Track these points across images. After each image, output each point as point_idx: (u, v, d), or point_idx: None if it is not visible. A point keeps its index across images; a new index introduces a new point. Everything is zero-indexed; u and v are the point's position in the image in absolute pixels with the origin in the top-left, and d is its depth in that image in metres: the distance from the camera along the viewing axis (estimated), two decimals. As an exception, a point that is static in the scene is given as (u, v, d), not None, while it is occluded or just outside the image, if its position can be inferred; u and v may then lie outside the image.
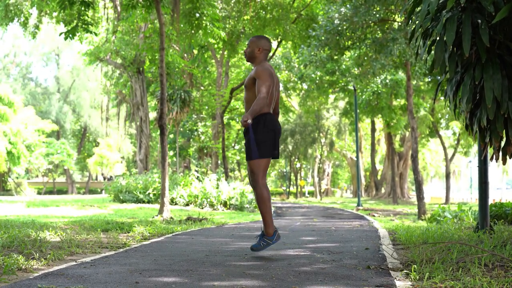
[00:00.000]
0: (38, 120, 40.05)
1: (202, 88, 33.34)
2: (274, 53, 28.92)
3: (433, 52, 4.95)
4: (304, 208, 21.13)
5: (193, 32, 17.70)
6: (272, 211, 17.58)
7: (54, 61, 53.69)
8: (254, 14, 22.94)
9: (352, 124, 34.33)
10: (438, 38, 4.86)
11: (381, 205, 25.90)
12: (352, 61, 22.64)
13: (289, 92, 35.14)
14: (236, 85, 28.36)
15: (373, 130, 37.88)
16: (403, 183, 38.20)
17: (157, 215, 10.54)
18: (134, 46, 22.89)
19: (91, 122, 50.48)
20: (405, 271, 3.75)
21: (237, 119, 36.63)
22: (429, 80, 22.63)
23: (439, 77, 6.77)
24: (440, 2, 4.91)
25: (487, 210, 6.54)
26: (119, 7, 23.07)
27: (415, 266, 3.79)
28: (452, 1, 4.48)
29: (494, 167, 59.16)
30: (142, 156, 25.37)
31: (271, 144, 4.65)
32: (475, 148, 34.77)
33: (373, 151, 38.11)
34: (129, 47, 23.29)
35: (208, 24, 15.09)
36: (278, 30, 23.48)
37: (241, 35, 24.55)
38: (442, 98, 25.63)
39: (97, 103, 49.31)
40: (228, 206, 16.90)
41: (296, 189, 49.09)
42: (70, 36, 12.83)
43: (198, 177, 18.89)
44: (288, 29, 22.99)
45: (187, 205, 17.10)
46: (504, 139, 4.92)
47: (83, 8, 12.29)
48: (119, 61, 26.10)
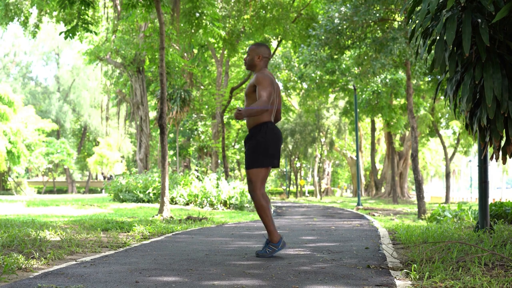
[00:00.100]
0: (38, 120, 40.02)
1: (202, 88, 33.34)
2: (274, 53, 28.92)
3: (433, 52, 4.95)
4: (304, 208, 21.14)
5: (193, 32, 17.70)
6: (272, 211, 17.60)
7: (54, 61, 53.68)
8: (254, 14, 22.93)
9: (352, 124, 34.33)
10: (438, 38, 4.85)
11: (381, 205, 25.90)
12: (352, 61, 22.63)
13: (289, 92, 35.15)
14: (236, 85, 28.36)
15: (373, 130, 37.88)
16: (403, 183, 38.21)
17: (157, 215, 10.54)
18: (134, 46, 22.90)
19: (91, 122, 50.46)
20: (405, 271, 3.75)
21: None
22: (429, 80, 22.62)
23: (439, 77, 6.77)
24: (440, 2, 4.91)
25: (487, 210, 6.54)
26: (119, 6, 23.07)
27: (415, 266, 3.79)
28: (452, 1, 4.47)
29: (494, 167, 59.21)
30: (142, 156, 25.37)
31: (271, 154, 4.62)
32: (475, 148, 34.78)
33: (373, 151, 38.11)
34: (129, 47, 23.29)
35: (208, 24, 15.09)
36: (278, 30, 23.48)
37: (241, 35, 24.55)
38: (442, 98, 25.67)
39: (97, 103, 49.30)
40: (228, 206, 16.90)
41: (296, 189, 49.10)
42: (70, 36, 12.84)
43: (198, 177, 18.89)
44: (288, 29, 22.99)
45: (187, 205, 17.10)
46: (504, 139, 4.92)
47: (83, 8, 12.28)
48: (119, 61, 26.10)
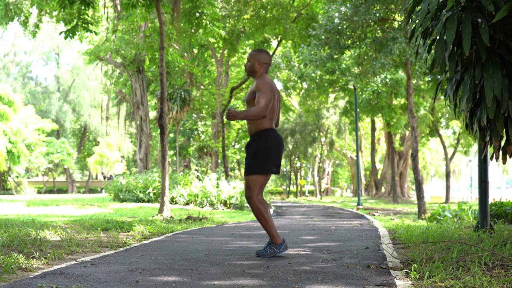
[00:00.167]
0: (38, 119, 40.00)
1: (202, 87, 33.34)
2: (274, 52, 28.92)
3: (433, 51, 4.95)
4: (304, 207, 21.14)
5: (193, 31, 17.70)
6: (272, 211, 17.59)
7: (54, 60, 53.68)
8: (254, 13, 22.93)
9: (352, 123, 34.34)
10: (438, 37, 4.85)
11: (381, 204, 25.90)
12: (352, 60, 22.64)
13: (289, 91, 35.15)
14: (236, 84, 28.35)
15: (373, 129, 37.89)
16: (403, 182, 38.21)
17: (157, 214, 10.54)
18: (134, 45, 22.89)
19: (91, 121, 50.46)
20: (405, 270, 3.75)
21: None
22: (429, 79, 22.62)
23: (439, 76, 6.77)
24: (440, 1, 4.91)
25: (487, 209, 6.54)
26: (119, 6, 23.07)
27: (415, 265, 3.79)
28: (452, 0, 4.47)
29: (494, 166, 59.20)
30: (142, 155, 25.37)
31: (271, 161, 4.60)
32: (475, 147, 34.80)
33: (373, 150, 38.12)
34: (129, 46, 23.29)
35: (208, 23, 15.09)
36: (278, 29, 23.47)
37: (241, 34, 24.55)
38: (442, 97, 25.67)
39: (97, 102, 49.30)
40: (228, 205, 16.90)
41: (296, 188, 49.10)
42: (70, 35, 12.83)
43: (198, 176, 18.89)
44: (288, 28, 22.99)
45: (187, 204, 17.11)
46: (504, 138, 4.92)
47: (83, 7, 12.28)
48: (119, 60, 26.10)
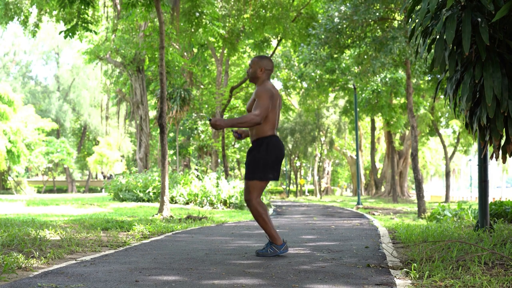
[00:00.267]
0: (38, 119, 40.00)
1: (202, 87, 33.33)
2: (274, 52, 28.92)
3: (433, 51, 4.95)
4: (304, 207, 21.14)
5: (193, 31, 17.70)
6: (272, 210, 17.58)
7: (54, 60, 53.67)
8: (254, 13, 22.92)
9: (352, 123, 34.33)
10: (438, 37, 4.85)
11: (381, 204, 25.90)
12: (352, 60, 22.63)
13: (289, 91, 35.15)
14: (236, 84, 28.36)
15: (373, 129, 37.88)
16: (403, 182, 38.21)
17: (157, 214, 10.54)
18: (134, 45, 22.88)
19: (91, 121, 50.46)
20: (405, 270, 3.75)
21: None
22: (429, 79, 22.61)
23: (439, 76, 6.77)
24: (440, 1, 4.91)
25: (487, 209, 6.54)
26: (119, 6, 23.07)
27: (415, 265, 3.79)
28: (452, 0, 4.47)
29: (494, 166, 59.20)
30: (142, 155, 25.37)
31: (271, 168, 4.62)
32: (475, 147, 34.79)
33: (373, 150, 38.11)
34: (129, 46, 23.28)
35: (208, 23, 15.08)
36: (278, 29, 23.47)
37: (241, 34, 24.55)
38: (442, 97, 25.67)
39: (97, 102, 49.30)
40: (228, 205, 16.90)
41: (296, 188, 49.10)
42: (70, 35, 12.82)
43: (198, 176, 18.89)
44: (288, 28, 22.98)
45: (187, 204, 17.10)
46: (504, 138, 4.92)
47: (83, 7, 12.27)
48: (119, 60, 26.09)
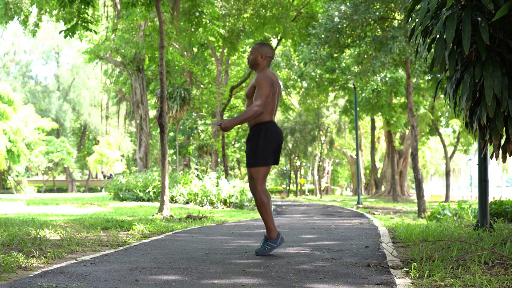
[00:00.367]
0: (38, 118, 40.01)
1: (202, 86, 33.34)
2: (274, 51, 28.92)
3: (433, 50, 4.95)
4: (304, 206, 21.15)
5: (193, 30, 17.70)
6: (272, 209, 17.60)
7: (54, 59, 53.68)
8: (254, 12, 22.92)
9: (352, 122, 34.33)
10: (438, 36, 4.85)
11: (381, 203, 25.91)
12: (352, 59, 22.63)
13: (289, 90, 35.14)
14: (236, 83, 28.36)
15: (373, 128, 37.87)
16: (403, 181, 38.21)
17: (157, 213, 10.54)
18: (134, 44, 22.88)
19: (91, 120, 50.47)
20: (405, 269, 3.75)
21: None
22: (429, 78, 22.61)
23: (439, 75, 6.77)
24: (440, 0, 4.91)
25: (487, 208, 6.54)
26: (119, 5, 23.07)
27: (415, 264, 3.79)
28: (452, -1, 4.47)
29: (494, 165, 59.20)
30: (142, 154, 25.37)
31: (272, 152, 4.66)
32: (475, 146, 34.79)
33: (373, 149, 38.11)
34: (129, 45, 23.28)
35: (208, 22, 15.08)
36: (278, 28, 23.47)
37: (241, 33, 24.55)
38: (442, 96, 25.68)
39: (97, 101, 49.31)
40: (228, 204, 16.90)
41: (296, 187, 49.09)
42: (70, 34, 12.82)
43: (198, 175, 18.89)
44: (288, 27, 22.98)
45: (187, 203, 17.11)
46: (504, 137, 4.92)
47: (83, 6, 12.27)
48: (119, 59, 26.08)
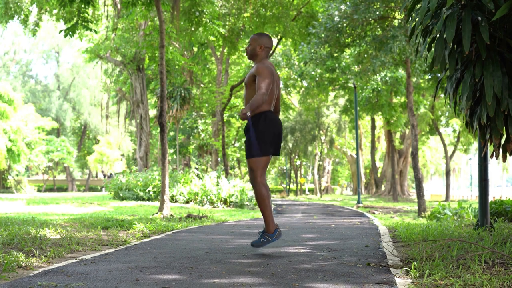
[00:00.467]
0: (38, 118, 40.02)
1: (202, 86, 33.34)
2: (274, 51, 28.90)
3: (433, 50, 4.95)
4: (304, 206, 21.15)
5: (193, 30, 17.70)
6: (272, 209, 17.59)
7: (54, 59, 53.68)
8: (254, 12, 22.91)
9: (352, 122, 34.33)
10: (438, 36, 4.85)
11: (381, 203, 25.91)
12: (352, 59, 22.62)
13: (289, 90, 35.14)
14: (236, 83, 28.34)
15: (373, 128, 37.87)
16: (403, 181, 38.21)
17: (157, 213, 10.54)
18: (134, 44, 22.88)
19: (91, 120, 50.47)
20: (405, 268, 3.75)
21: (237, 117, 36.62)
22: (429, 78, 22.60)
23: (439, 75, 6.76)
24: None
25: (487, 208, 6.54)
26: (119, 5, 23.06)
27: (415, 264, 3.79)
28: (452, -2, 4.47)
29: (494, 165, 59.17)
30: (142, 154, 25.37)
31: (271, 142, 4.65)
32: (475, 146, 34.78)
33: (373, 149, 38.11)
34: (129, 45, 23.28)
35: (208, 22, 15.08)
36: (278, 28, 23.46)
37: (241, 33, 24.54)
38: (442, 96, 25.66)
39: (97, 101, 49.31)
40: (228, 204, 16.90)
41: (296, 187, 49.10)
42: (70, 34, 12.82)
43: (198, 175, 18.89)
44: (288, 27, 22.97)
45: (187, 203, 17.11)
46: (504, 137, 4.92)
47: (83, 6, 12.27)
48: (119, 59, 26.08)
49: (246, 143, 4.70)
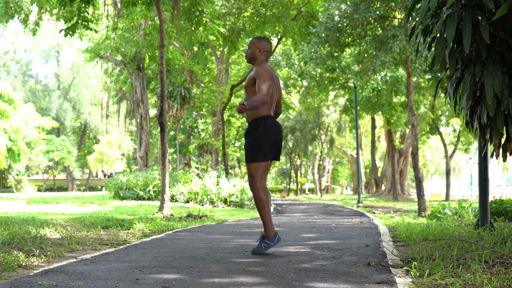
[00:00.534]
0: (38, 117, 40.04)
1: (202, 85, 33.33)
2: (274, 50, 28.89)
3: (433, 49, 4.95)
4: (304, 205, 21.14)
5: (193, 29, 17.70)
6: (272, 208, 17.60)
7: (54, 58, 53.70)
8: (254, 11, 22.90)
9: (352, 121, 34.33)
10: (439, 35, 4.85)
11: (381, 202, 25.90)
12: (352, 58, 22.61)
13: (289, 89, 35.13)
14: (236, 82, 28.34)
15: (373, 127, 37.87)
16: (403, 180, 38.22)
17: (157, 212, 10.54)
18: (134, 43, 22.88)
19: (91, 119, 50.48)
20: (405, 268, 3.75)
21: (237, 116, 36.64)
22: (429, 77, 22.59)
23: (440, 74, 6.76)
24: (441, -1, 4.90)
25: (487, 207, 6.54)
26: (119, 4, 23.06)
27: (415, 263, 3.79)
28: (453, -2, 4.47)
29: (495, 164, 59.16)
30: (142, 153, 25.38)
31: (271, 147, 4.62)
32: (475, 145, 34.78)
33: (373, 148, 38.11)
34: (129, 44, 23.28)
35: (208, 21, 15.07)
36: (278, 27, 23.45)
37: (241, 32, 24.54)
38: (442, 95, 25.65)
39: (97, 100, 49.32)
40: (228, 203, 16.90)
41: (296, 186, 49.11)
42: (70, 33, 12.81)
43: (198, 174, 18.89)
44: (288, 26, 22.96)
45: (187, 202, 17.10)
46: (505, 136, 4.92)
47: (83, 5, 12.27)
48: (119, 58, 26.08)
49: (246, 148, 4.68)
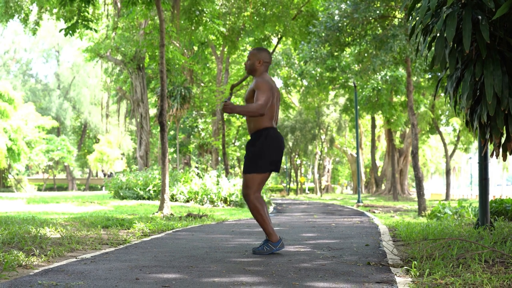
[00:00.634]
0: (38, 117, 40.03)
1: (202, 85, 33.33)
2: (274, 50, 28.89)
3: (434, 49, 4.94)
4: (304, 205, 21.14)
5: (193, 29, 17.69)
6: (272, 208, 17.58)
7: (54, 58, 53.68)
8: (254, 11, 22.90)
9: (352, 121, 34.33)
10: (439, 34, 4.84)
11: (381, 202, 25.91)
12: (352, 58, 22.61)
13: (289, 89, 35.14)
14: (236, 82, 28.34)
15: (373, 127, 37.86)
16: (403, 180, 38.21)
17: (157, 212, 10.54)
18: (134, 43, 22.88)
19: (91, 119, 50.47)
20: (406, 268, 3.75)
21: (237, 116, 36.65)
22: (430, 77, 22.59)
23: (440, 74, 6.76)
24: (441, -2, 4.90)
25: (487, 207, 6.54)
26: (119, 4, 23.06)
27: (415, 263, 3.79)
28: (453, -3, 4.46)
29: (495, 164, 59.17)
30: (142, 153, 25.38)
31: (270, 160, 4.59)
32: (475, 145, 34.78)
33: (373, 148, 38.11)
34: (129, 44, 23.27)
35: (208, 21, 15.07)
36: (278, 27, 23.44)
37: (242, 32, 24.53)
38: (443, 95, 25.65)
39: (97, 100, 49.30)
40: (228, 203, 16.90)
41: (296, 186, 49.11)
42: (70, 33, 12.81)
43: (198, 174, 18.88)
44: (288, 26, 22.96)
45: (187, 202, 17.10)
46: (505, 136, 4.91)
47: (83, 5, 12.26)
48: (119, 58, 26.07)
49: (246, 158, 4.65)
